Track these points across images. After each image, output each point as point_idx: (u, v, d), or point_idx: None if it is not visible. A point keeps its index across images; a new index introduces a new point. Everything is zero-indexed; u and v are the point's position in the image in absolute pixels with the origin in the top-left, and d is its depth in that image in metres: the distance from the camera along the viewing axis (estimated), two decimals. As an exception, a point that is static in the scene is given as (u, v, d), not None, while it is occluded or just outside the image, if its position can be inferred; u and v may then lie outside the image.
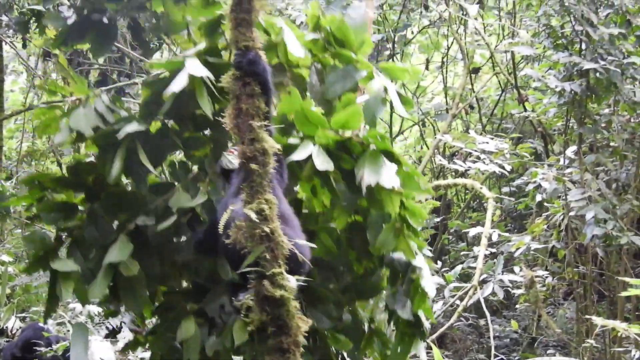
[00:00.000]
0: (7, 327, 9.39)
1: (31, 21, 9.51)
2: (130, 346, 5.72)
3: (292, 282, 4.23)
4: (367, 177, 4.69)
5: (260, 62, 4.40)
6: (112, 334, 9.79)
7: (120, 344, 9.65)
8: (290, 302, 4.21)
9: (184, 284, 5.39)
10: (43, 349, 7.95)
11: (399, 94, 5.13)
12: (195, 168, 5.29)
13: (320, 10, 5.18)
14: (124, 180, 5.27)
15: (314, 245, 4.67)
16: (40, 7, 9.45)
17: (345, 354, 5.56)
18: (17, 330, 9.41)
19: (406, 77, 5.37)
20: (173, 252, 5.19)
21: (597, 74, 9.87)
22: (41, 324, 8.74)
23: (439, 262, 12.56)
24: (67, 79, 5.22)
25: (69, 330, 9.47)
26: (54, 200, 5.16)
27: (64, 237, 5.14)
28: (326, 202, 5.37)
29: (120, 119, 4.99)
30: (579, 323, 11.32)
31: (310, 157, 4.79)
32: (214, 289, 5.10)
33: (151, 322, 5.70)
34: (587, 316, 9.98)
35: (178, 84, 4.50)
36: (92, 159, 5.31)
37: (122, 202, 5.10)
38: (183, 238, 5.15)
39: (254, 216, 4.16)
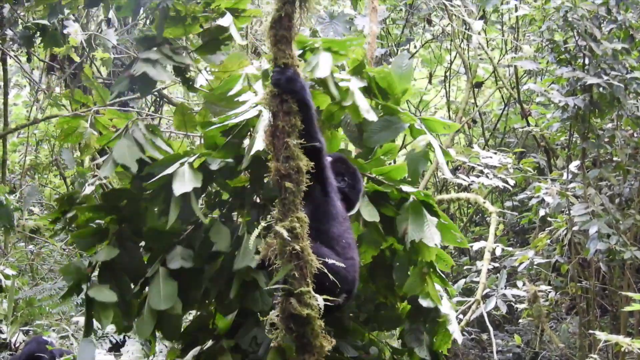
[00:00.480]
0: (10, 341, 9.40)
1: (36, 35, 9.55)
2: None
3: (320, 301, 4.24)
4: (411, 232, 4.84)
5: (299, 79, 4.41)
6: (116, 348, 9.81)
7: (125, 358, 9.68)
8: (316, 321, 4.24)
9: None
10: (47, 363, 7.95)
11: (441, 149, 5.20)
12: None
13: (365, 57, 5.26)
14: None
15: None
16: (45, 22, 9.51)
17: None
18: (21, 343, 9.42)
19: (444, 130, 5.52)
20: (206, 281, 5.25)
21: (601, 89, 9.87)
22: (45, 337, 8.75)
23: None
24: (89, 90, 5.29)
25: (72, 344, 9.48)
26: (87, 228, 5.27)
27: (97, 264, 5.22)
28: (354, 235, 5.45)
29: (167, 158, 5.06)
30: (581, 338, 11.31)
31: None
32: (247, 322, 5.17)
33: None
34: (591, 331, 9.97)
35: (258, 145, 4.57)
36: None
37: (160, 236, 5.18)
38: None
39: (285, 234, 4.19)
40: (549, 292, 11.54)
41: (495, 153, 11.91)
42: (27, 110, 16.60)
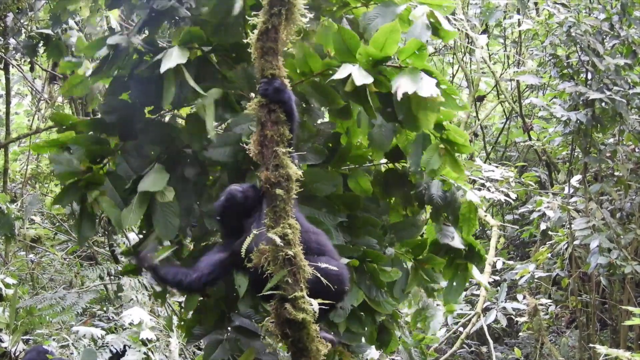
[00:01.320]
0: (10, 350, 9.39)
1: (39, 45, 9.58)
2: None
3: (314, 305, 4.25)
4: (404, 85, 4.67)
5: (286, 90, 4.42)
6: (116, 357, 9.80)
7: (125, 367, 9.67)
8: (311, 326, 4.23)
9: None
10: (47, 372, 7.94)
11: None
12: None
13: None
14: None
15: (336, 268, 4.65)
16: (48, 31, 9.54)
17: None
18: (21, 352, 9.41)
19: (443, 10, 5.33)
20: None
21: (603, 104, 9.93)
22: (45, 347, 8.74)
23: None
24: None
25: (72, 353, 9.46)
26: (90, 136, 5.30)
27: (94, 168, 5.26)
28: (363, 141, 5.54)
29: (160, 48, 5.11)
30: (581, 351, 11.33)
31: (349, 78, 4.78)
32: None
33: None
34: (591, 345, 9.99)
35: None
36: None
37: (156, 133, 5.25)
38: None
39: (278, 240, 4.19)
40: (549, 305, 11.58)
41: (497, 167, 11.93)
42: (29, 119, 16.62)
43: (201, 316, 5.62)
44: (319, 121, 5.47)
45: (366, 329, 5.62)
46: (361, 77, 4.75)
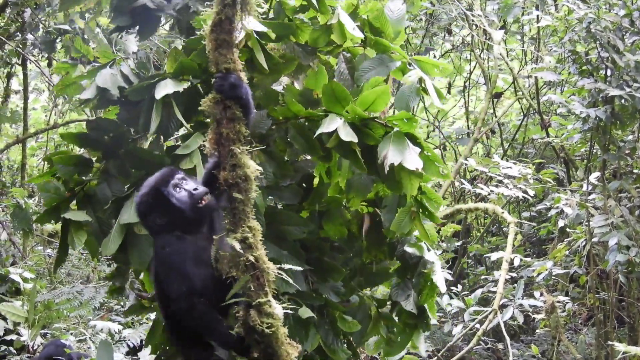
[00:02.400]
0: (28, 344, 9.42)
1: (57, 40, 9.60)
2: (134, 311, 5.80)
3: (279, 310, 4.16)
4: (390, 156, 4.65)
5: (242, 85, 4.29)
6: (133, 352, 9.81)
7: (141, 362, 9.68)
8: (279, 330, 4.14)
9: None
10: (65, 366, 7.96)
11: (434, 87, 5.18)
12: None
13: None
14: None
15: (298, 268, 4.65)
16: (66, 27, 9.55)
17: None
18: (39, 346, 9.43)
19: (436, 73, 5.37)
20: None
21: (622, 101, 9.88)
22: (62, 341, 8.76)
23: (459, 286, 12.56)
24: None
25: (89, 347, 9.49)
26: (71, 155, 5.27)
27: (76, 190, 5.25)
28: (341, 184, 5.44)
29: (150, 77, 5.09)
30: (598, 349, 11.29)
31: (335, 131, 4.74)
32: None
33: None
34: (609, 342, 9.96)
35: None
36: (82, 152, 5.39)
37: (140, 159, 5.20)
38: None
39: (237, 246, 4.09)
40: (567, 303, 11.53)
41: (515, 163, 11.92)
42: (46, 114, 16.69)
43: (166, 340, 5.58)
44: (298, 159, 5.43)
45: None
46: (347, 134, 4.72)
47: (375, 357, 7.18)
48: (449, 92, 16.57)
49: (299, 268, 4.80)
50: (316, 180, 5.55)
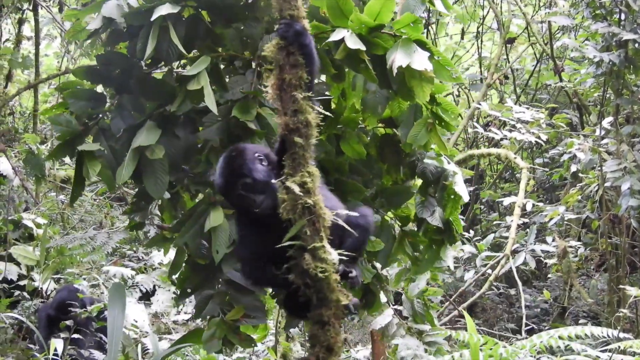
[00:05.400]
0: (42, 288, 9.48)
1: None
2: (156, 242, 5.80)
3: (334, 255, 4.15)
4: (398, 59, 4.61)
5: (306, 33, 4.27)
6: (146, 297, 9.87)
7: (155, 307, 9.75)
8: (331, 276, 4.14)
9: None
10: (77, 310, 7.99)
11: None
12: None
13: None
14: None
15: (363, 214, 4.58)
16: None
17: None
18: (52, 291, 9.49)
19: None
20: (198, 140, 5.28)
21: (636, 45, 9.83)
22: (75, 286, 8.81)
23: (471, 232, 12.58)
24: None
25: (102, 292, 9.54)
26: (84, 89, 5.27)
27: (90, 125, 5.25)
28: (357, 105, 5.43)
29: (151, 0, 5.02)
30: (610, 294, 11.31)
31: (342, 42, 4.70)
32: None
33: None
34: (621, 286, 9.98)
35: None
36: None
37: (152, 90, 5.19)
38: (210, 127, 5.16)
39: (297, 189, 4.08)
40: (579, 248, 11.55)
41: (528, 108, 11.87)
42: (58, 61, 16.65)
43: (190, 270, 5.59)
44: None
45: None
46: (354, 42, 4.67)
47: (401, 293, 7.23)
48: (462, 38, 16.47)
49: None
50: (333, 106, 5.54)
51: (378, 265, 6.02)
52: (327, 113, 4.37)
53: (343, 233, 4.32)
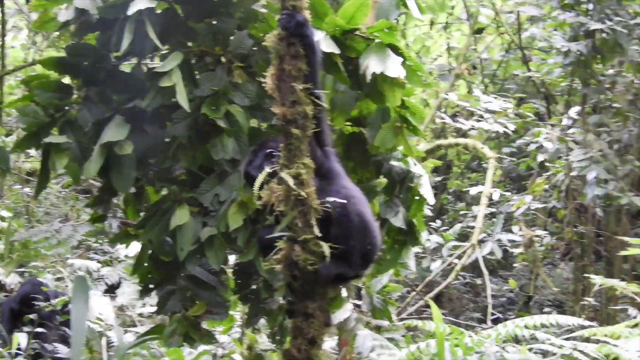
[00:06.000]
0: (5, 282, 9.41)
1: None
2: (120, 238, 5.72)
3: (325, 248, 4.15)
4: (372, 65, 4.63)
5: (308, 24, 4.29)
6: (111, 290, 9.81)
7: (120, 299, 9.69)
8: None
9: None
10: (41, 304, 7.95)
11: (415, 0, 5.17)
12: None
13: None
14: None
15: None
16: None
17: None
18: (16, 285, 9.43)
19: None
20: (167, 135, 5.22)
21: (604, 35, 9.86)
22: (40, 279, 8.77)
23: (438, 221, 12.60)
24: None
25: (67, 286, 9.49)
26: (51, 81, 5.18)
27: (56, 116, 5.18)
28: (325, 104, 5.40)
29: None
30: (576, 282, 11.36)
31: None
32: (209, 177, 5.11)
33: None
34: (586, 275, 10.03)
35: None
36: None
37: (120, 83, 5.15)
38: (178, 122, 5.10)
39: (290, 181, 4.10)
40: (545, 237, 11.60)
41: (496, 98, 11.90)
42: (25, 53, 16.53)
43: (153, 266, 5.53)
44: None
45: None
46: (328, 45, 4.66)
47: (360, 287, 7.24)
48: (431, 29, 16.48)
49: None
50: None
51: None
52: (326, 105, 4.39)
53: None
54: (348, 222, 4.30)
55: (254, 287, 5.38)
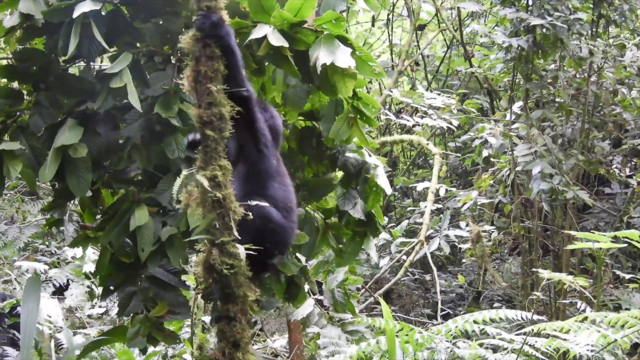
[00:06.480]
0: (-49, 286, 9.33)
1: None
2: (79, 242, 5.69)
3: (241, 251, 4.16)
4: (322, 57, 4.65)
5: (224, 24, 4.29)
6: (59, 291, 9.75)
7: (68, 301, 9.63)
8: (240, 271, 4.16)
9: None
10: (-10, 307, 7.89)
11: None
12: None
13: None
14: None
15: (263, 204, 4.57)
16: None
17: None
18: (-38, 288, 9.35)
19: None
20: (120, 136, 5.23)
21: (544, 30, 9.93)
22: (-14, 282, 8.70)
23: (385, 218, 12.63)
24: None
25: (15, 288, 9.41)
26: (2, 88, 5.25)
27: (8, 123, 5.19)
28: (277, 99, 5.46)
29: None
30: (524, 277, 11.44)
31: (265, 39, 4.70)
32: (165, 177, 5.13)
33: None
34: (534, 269, 10.10)
35: None
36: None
37: (70, 86, 5.14)
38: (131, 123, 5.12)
39: (206, 183, 4.10)
40: (492, 232, 11.68)
41: (439, 94, 11.95)
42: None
43: (113, 268, 5.54)
44: None
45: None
46: (277, 39, 4.68)
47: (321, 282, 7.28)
48: (373, 26, 16.50)
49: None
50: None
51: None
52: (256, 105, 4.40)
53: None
54: (252, 224, 4.35)
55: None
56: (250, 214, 4.26)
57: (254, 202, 4.34)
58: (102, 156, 5.22)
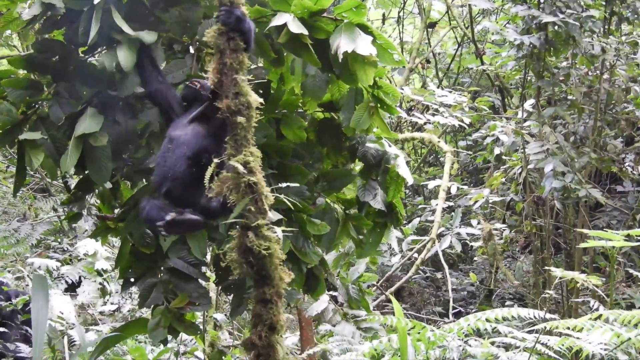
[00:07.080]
0: (-37, 282, 9.34)
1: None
2: (100, 232, 5.74)
3: (278, 233, 4.23)
4: (343, 45, 4.68)
5: (247, 19, 4.39)
6: (72, 288, 9.76)
7: (80, 298, 9.65)
8: (275, 253, 4.21)
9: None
10: (2, 303, 7.89)
11: None
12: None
13: None
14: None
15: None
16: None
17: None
18: (-24, 285, 9.36)
19: None
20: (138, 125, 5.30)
21: (556, 27, 9.88)
22: (0, 279, 8.70)
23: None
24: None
25: (27, 285, 9.44)
26: (22, 78, 5.24)
27: (29, 113, 5.22)
28: (296, 89, 5.50)
29: None
30: (536, 275, 11.41)
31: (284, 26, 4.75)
32: None
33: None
34: (546, 267, 10.06)
35: None
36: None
37: (89, 77, 5.16)
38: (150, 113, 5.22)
39: (241, 168, 4.15)
40: (504, 230, 11.64)
41: (450, 92, 11.92)
42: (-17, 52, 16.36)
43: (133, 259, 5.61)
44: (252, 66, 5.37)
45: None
46: (297, 27, 4.72)
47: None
48: (383, 23, 16.48)
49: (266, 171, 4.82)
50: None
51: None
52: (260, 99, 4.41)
53: None
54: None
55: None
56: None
57: None
58: (122, 145, 5.27)
